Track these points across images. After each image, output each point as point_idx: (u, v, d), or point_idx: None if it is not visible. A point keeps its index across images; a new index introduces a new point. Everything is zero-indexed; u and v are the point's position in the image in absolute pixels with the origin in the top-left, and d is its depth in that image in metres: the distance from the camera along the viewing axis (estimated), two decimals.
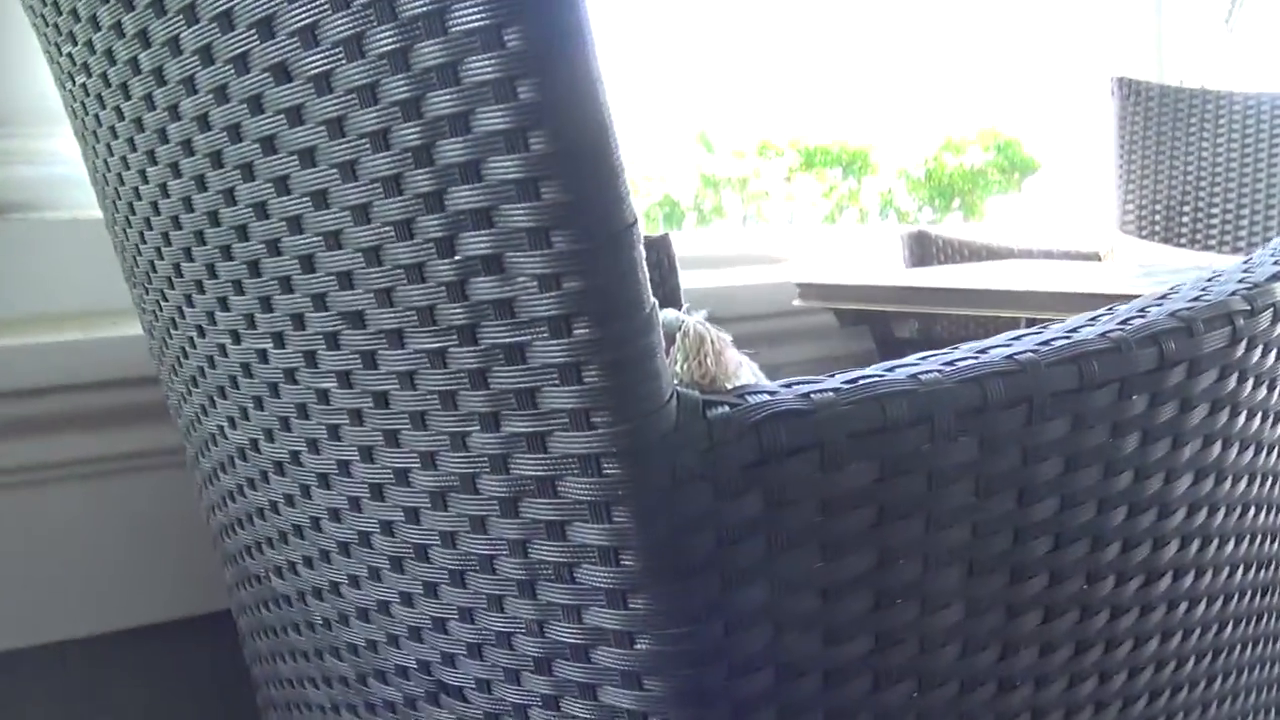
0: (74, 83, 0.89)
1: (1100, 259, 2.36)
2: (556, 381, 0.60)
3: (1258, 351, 0.83)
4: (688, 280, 1.72)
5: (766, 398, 0.63)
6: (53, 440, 1.28)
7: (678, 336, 0.67)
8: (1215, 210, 2.59)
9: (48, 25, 0.89)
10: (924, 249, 2.11)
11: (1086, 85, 3.23)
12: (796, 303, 1.67)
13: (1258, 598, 0.96)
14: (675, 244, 1.68)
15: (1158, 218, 2.61)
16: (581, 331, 0.58)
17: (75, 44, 0.85)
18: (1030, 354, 0.70)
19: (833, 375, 0.67)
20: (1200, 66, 3.11)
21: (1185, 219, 2.60)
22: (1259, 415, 0.87)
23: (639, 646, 0.63)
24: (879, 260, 2.40)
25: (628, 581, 0.62)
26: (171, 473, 1.31)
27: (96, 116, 0.88)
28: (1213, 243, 2.57)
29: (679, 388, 0.61)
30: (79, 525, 1.30)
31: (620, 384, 0.58)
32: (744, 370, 0.67)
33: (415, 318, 0.64)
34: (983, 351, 0.71)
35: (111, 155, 0.88)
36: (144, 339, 1.03)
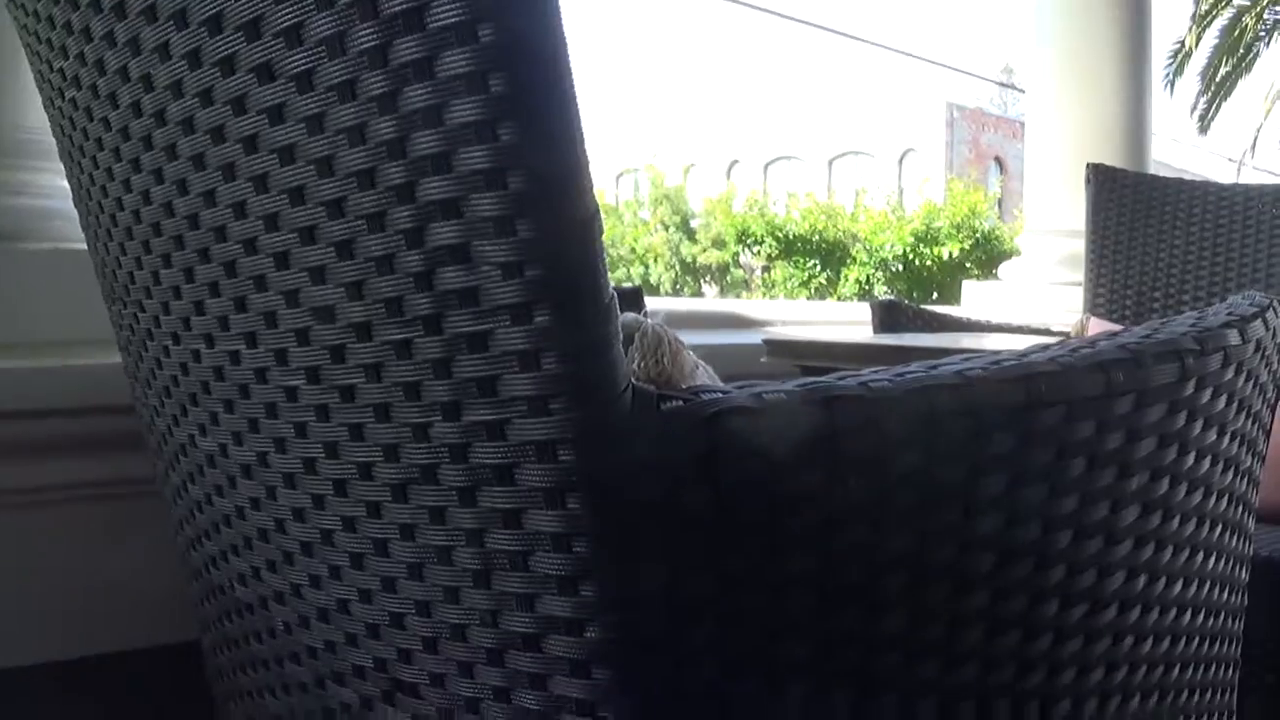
0: (63, 98, 0.92)
1: (1070, 336, 2.39)
2: (516, 369, 0.62)
3: (1208, 393, 0.86)
4: None
5: (719, 395, 0.65)
6: (25, 466, 1.30)
7: (636, 336, 0.69)
8: (1186, 296, 2.63)
9: (40, 42, 0.91)
10: (894, 318, 2.14)
11: (1066, 171, 3.29)
12: (764, 360, 1.70)
13: (1206, 645, 0.97)
14: (650, 301, 1.71)
15: (1129, 301, 2.65)
16: (542, 319, 0.60)
17: (67, 58, 0.87)
18: (979, 371, 0.72)
19: (786, 382, 0.69)
20: (1178, 158, 3.17)
21: (1156, 303, 2.64)
22: (1209, 458, 0.89)
23: (588, 634, 0.65)
24: (853, 333, 2.43)
25: (579, 569, 0.64)
26: (142, 501, 1.32)
27: (84, 130, 0.90)
28: None
29: (635, 381, 0.63)
30: (47, 551, 1.31)
31: (578, 371, 0.61)
32: (699, 372, 0.70)
33: (383, 310, 0.66)
34: (934, 367, 0.73)
35: (97, 168, 0.90)
36: (120, 367, 1.05)
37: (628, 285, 1.69)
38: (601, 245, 0.60)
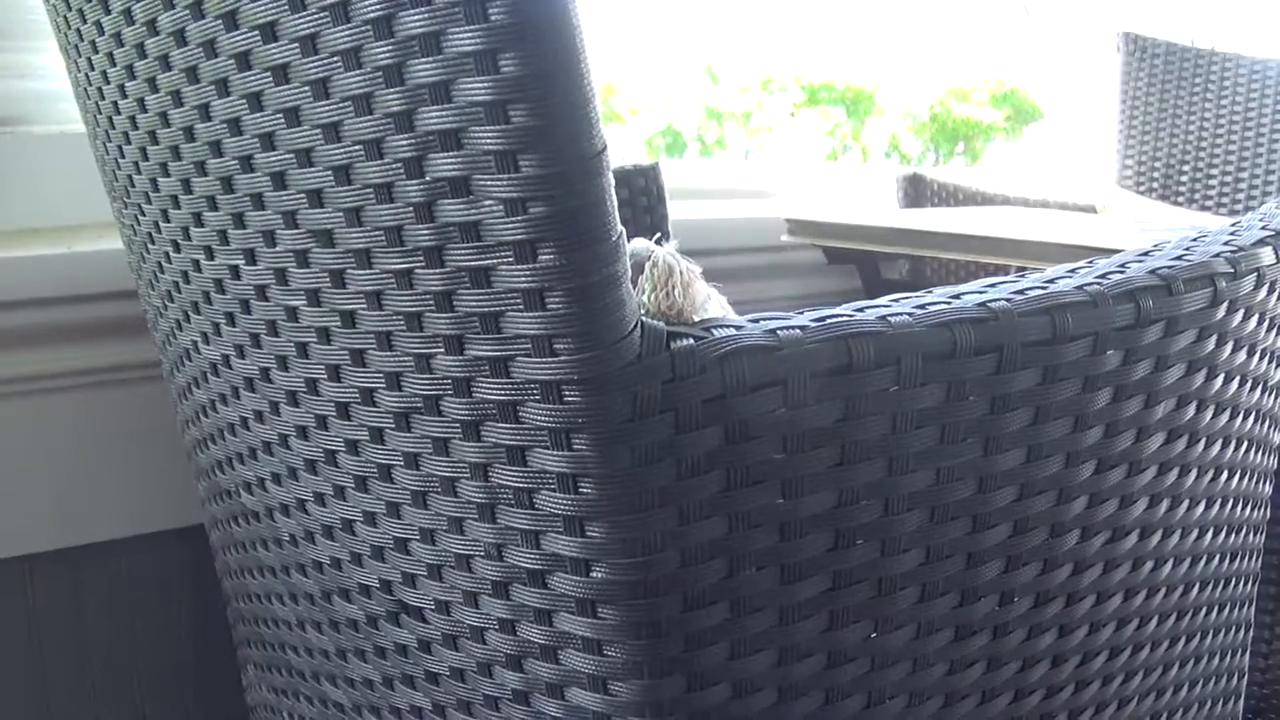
0: None
1: (1096, 212, 2.35)
2: (520, 307, 0.59)
3: (1239, 315, 0.83)
4: (678, 210, 1.71)
5: (732, 332, 0.63)
6: (33, 354, 1.28)
7: (646, 266, 0.66)
8: (1214, 171, 2.57)
9: None
10: (918, 191, 2.10)
11: (1093, 37, 3.21)
12: (785, 238, 1.66)
13: (1226, 562, 0.96)
14: (667, 174, 1.67)
15: (1156, 175, 2.60)
16: (547, 257, 0.57)
17: None
18: (1003, 302, 0.70)
19: (802, 313, 0.66)
20: (1209, 27, 3.09)
21: (1184, 178, 2.59)
22: (1237, 379, 0.86)
23: (595, 574, 0.64)
24: (875, 200, 2.38)
25: (585, 509, 0.62)
26: (151, 386, 1.31)
27: (78, 30, 0.87)
28: (1210, 203, 2.55)
29: (644, 318, 0.61)
30: (56, 438, 1.30)
31: (584, 312, 0.58)
32: (712, 303, 0.67)
33: (383, 238, 0.64)
34: (956, 297, 0.70)
35: (93, 69, 0.87)
36: (126, 253, 1.03)
37: (646, 163, 1.65)
38: (610, 180, 0.58)
